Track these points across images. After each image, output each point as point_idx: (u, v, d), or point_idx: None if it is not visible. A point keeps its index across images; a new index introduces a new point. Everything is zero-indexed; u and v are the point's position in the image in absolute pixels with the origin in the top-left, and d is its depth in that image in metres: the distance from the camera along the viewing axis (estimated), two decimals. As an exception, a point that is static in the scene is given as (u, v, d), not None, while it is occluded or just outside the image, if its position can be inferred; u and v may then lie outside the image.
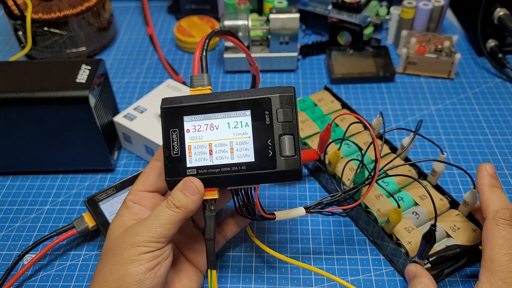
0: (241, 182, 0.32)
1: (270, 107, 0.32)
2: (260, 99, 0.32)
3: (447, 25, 0.70)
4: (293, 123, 0.32)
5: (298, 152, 0.31)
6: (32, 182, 0.48)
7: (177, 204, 0.31)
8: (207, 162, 0.32)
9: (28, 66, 0.45)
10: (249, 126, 0.32)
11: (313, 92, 0.58)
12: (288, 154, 0.31)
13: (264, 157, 0.31)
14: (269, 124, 0.31)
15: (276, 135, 0.31)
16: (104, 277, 0.30)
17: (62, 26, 0.59)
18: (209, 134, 0.32)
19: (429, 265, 0.36)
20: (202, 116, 0.32)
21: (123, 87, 0.60)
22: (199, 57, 0.33)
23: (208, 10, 0.70)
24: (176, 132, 0.32)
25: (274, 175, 0.31)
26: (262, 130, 0.32)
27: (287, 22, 0.56)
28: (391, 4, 0.67)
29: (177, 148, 0.32)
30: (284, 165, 0.31)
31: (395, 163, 0.45)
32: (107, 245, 0.32)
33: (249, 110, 0.32)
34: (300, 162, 0.31)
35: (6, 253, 0.42)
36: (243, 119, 0.32)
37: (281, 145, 0.31)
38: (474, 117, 0.55)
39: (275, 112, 0.31)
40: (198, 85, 0.33)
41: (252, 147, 0.31)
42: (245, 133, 0.32)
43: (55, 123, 0.43)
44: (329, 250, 0.41)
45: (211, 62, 0.64)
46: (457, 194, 0.46)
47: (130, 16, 0.74)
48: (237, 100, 0.32)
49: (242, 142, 0.32)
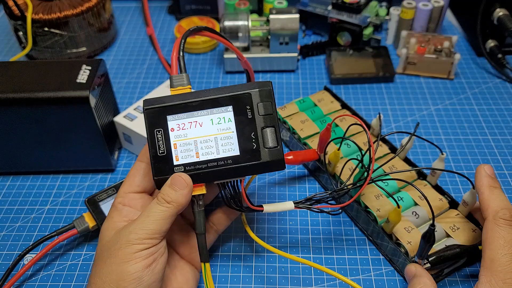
0: (228, 176, 0.33)
1: (251, 102, 0.33)
2: (241, 94, 0.33)
3: (446, 26, 0.70)
4: (273, 115, 0.33)
5: (280, 143, 0.33)
6: (33, 182, 0.48)
7: (167, 199, 0.31)
8: (193, 159, 0.32)
9: (29, 67, 0.45)
10: (232, 121, 0.33)
11: (313, 92, 0.58)
12: (271, 145, 0.33)
13: (249, 150, 0.32)
14: (251, 118, 0.33)
15: (258, 128, 0.33)
16: (101, 279, 0.30)
17: (63, 27, 0.59)
18: (194, 131, 0.33)
19: (428, 265, 0.36)
20: (186, 114, 0.33)
21: (123, 87, 0.60)
22: (177, 58, 0.34)
23: (208, 11, 0.70)
24: (161, 132, 0.33)
25: (259, 166, 0.32)
26: (245, 124, 0.33)
27: (287, 22, 0.56)
28: (391, 5, 0.67)
29: (163, 148, 0.33)
30: (268, 156, 0.32)
31: (394, 163, 0.45)
32: (100, 248, 0.32)
33: (231, 106, 0.33)
34: (282, 152, 0.33)
35: (7, 253, 0.42)
36: (226, 115, 0.33)
37: (264, 137, 0.33)
38: (473, 117, 0.55)
39: (256, 106, 0.33)
40: (178, 85, 0.34)
41: (236, 141, 0.33)
42: (228, 128, 0.33)
43: (55, 123, 0.43)
44: (329, 250, 0.41)
45: (211, 62, 0.64)
46: (457, 194, 0.46)
47: (130, 16, 0.74)
48: (218, 97, 0.33)
49: (227, 137, 0.33)
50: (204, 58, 0.65)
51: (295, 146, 0.49)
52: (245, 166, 0.32)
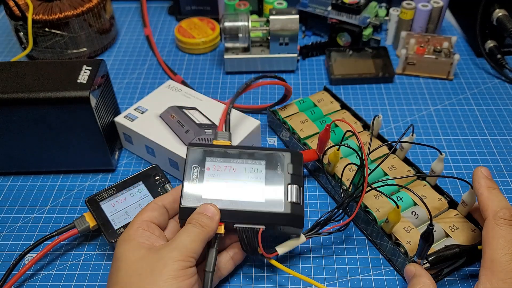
0: (249, 219, 0.35)
1: (283, 161, 0.38)
2: (275, 153, 0.38)
3: (446, 26, 0.70)
4: (300, 177, 0.38)
5: (302, 201, 0.37)
6: (33, 182, 0.48)
7: (201, 223, 0.34)
8: (220, 197, 0.36)
9: (29, 67, 0.45)
10: (262, 173, 0.37)
11: (312, 92, 0.58)
12: (294, 200, 0.36)
13: (272, 200, 0.36)
14: (280, 174, 0.37)
15: (285, 183, 0.37)
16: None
17: (63, 27, 0.59)
18: (226, 174, 0.37)
19: (428, 264, 0.36)
20: (223, 159, 0.38)
21: (124, 87, 0.60)
22: (224, 120, 0.41)
23: (208, 11, 0.70)
24: (197, 168, 0.37)
25: (279, 216, 0.35)
26: (274, 178, 0.37)
27: (286, 23, 0.57)
28: (390, 5, 0.67)
29: (195, 181, 0.36)
30: (289, 208, 0.36)
31: (393, 163, 0.45)
32: (128, 268, 0.32)
33: (265, 161, 0.38)
34: (303, 210, 0.36)
35: (8, 253, 0.42)
36: (259, 167, 0.38)
37: (289, 192, 0.37)
38: (473, 118, 0.55)
39: (286, 165, 0.38)
40: (220, 139, 0.40)
41: (263, 190, 0.36)
42: (258, 178, 0.37)
43: (56, 124, 0.44)
44: (328, 250, 0.41)
45: (211, 63, 0.64)
46: (456, 194, 0.46)
47: (131, 17, 0.74)
48: (255, 152, 0.38)
49: (255, 185, 0.37)
50: (204, 58, 0.65)
51: (295, 146, 0.49)
52: (267, 213, 0.35)
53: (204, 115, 0.48)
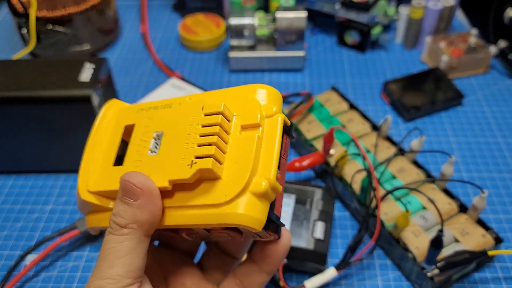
0: None
1: (312, 197, 0.38)
2: (306, 188, 0.39)
3: (456, 25, 0.68)
4: (330, 213, 0.38)
5: (327, 238, 0.37)
6: (35, 181, 0.48)
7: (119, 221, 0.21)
8: None
9: (32, 65, 0.45)
10: (290, 206, 0.38)
11: (320, 92, 0.57)
12: (319, 237, 0.36)
13: (297, 233, 0.36)
14: (308, 209, 0.38)
15: (312, 218, 0.37)
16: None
17: (66, 24, 0.59)
18: None
19: (437, 270, 0.35)
20: None
21: (127, 86, 0.60)
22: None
23: (213, 8, 0.69)
24: None
25: (302, 251, 0.35)
26: (301, 212, 0.38)
27: (294, 21, 0.56)
28: (399, 3, 0.66)
29: None
30: (313, 244, 0.36)
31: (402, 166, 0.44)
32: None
33: (294, 195, 0.39)
34: (327, 247, 0.36)
35: (9, 253, 0.41)
36: (287, 200, 0.38)
37: (314, 228, 0.37)
38: (483, 119, 0.54)
39: (315, 201, 0.39)
40: None
41: (289, 222, 0.37)
42: (285, 211, 0.37)
43: (58, 122, 0.43)
44: (335, 254, 0.40)
45: (216, 61, 0.63)
46: (466, 197, 0.45)
47: (135, 14, 0.73)
48: (286, 186, 0.38)
49: (282, 218, 0.33)
50: (209, 56, 0.64)
51: (301, 147, 0.48)
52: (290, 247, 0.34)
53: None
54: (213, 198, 0.20)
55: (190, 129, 0.21)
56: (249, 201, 0.19)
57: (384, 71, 0.61)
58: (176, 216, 0.21)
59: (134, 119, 0.25)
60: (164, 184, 0.20)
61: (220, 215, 0.19)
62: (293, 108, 0.48)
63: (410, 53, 0.63)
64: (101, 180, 0.23)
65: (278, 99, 0.23)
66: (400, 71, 0.60)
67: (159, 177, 0.21)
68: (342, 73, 0.60)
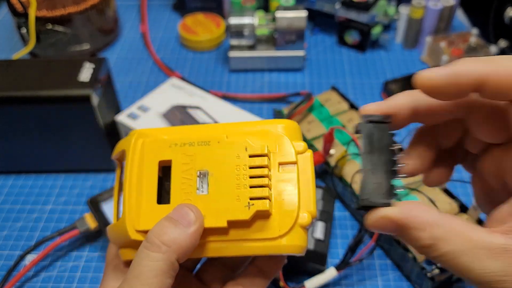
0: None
1: None
2: None
3: (456, 25, 0.68)
4: (330, 213, 0.37)
5: (327, 239, 0.36)
6: (35, 181, 0.48)
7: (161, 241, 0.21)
8: None
9: (31, 64, 0.45)
10: None
11: (319, 92, 0.57)
12: (319, 238, 0.36)
13: None
14: None
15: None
16: None
17: (66, 24, 0.59)
18: None
19: (437, 270, 0.35)
20: None
21: (126, 85, 0.59)
22: None
23: (213, 8, 0.69)
24: None
25: None
26: None
27: (293, 20, 0.55)
28: (399, 3, 0.66)
29: None
30: (313, 244, 0.36)
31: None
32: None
33: None
34: (327, 247, 0.36)
35: (8, 253, 0.41)
36: None
37: (314, 228, 0.36)
38: (483, 119, 0.53)
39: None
40: None
41: None
42: None
43: (58, 122, 0.43)
44: (335, 255, 0.40)
45: (216, 61, 0.63)
46: (466, 197, 0.45)
47: (135, 14, 0.73)
48: None
49: None
50: (209, 56, 0.64)
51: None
52: None
53: (208, 114, 0.47)
54: (269, 233, 0.22)
55: (238, 169, 0.23)
56: (299, 233, 0.22)
57: (384, 71, 0.60)
58: (232, 248, 0.23)
59: (169, 155, 0.24)
60: (222, 224, 0.22)
61: (277, 246, 0.22)
62: (293, 108, 0.48)
63: (410, 53, 0.63)
64: (149, 219, 0.23)
65: (299, 132, 0.25)
66: (400, 71, 0.60)
67: (214, 217, 0.23)
68: (342, 73, 0.60)
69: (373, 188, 0.20)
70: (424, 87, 0.20)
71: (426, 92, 0.20)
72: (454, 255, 0.18)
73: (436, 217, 0.19)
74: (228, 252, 0.23)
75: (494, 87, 0.18)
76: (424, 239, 0.19)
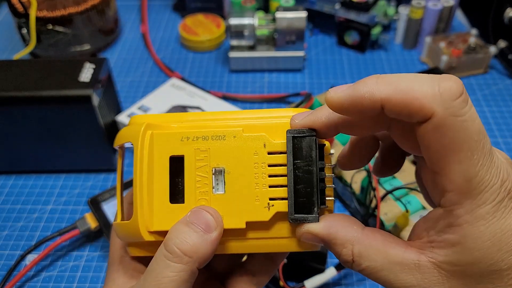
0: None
1: None
2: None
3: (456, 25, 0.68)
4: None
5: None
6: (35, 181, 0.48)
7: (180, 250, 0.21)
8: None
9: (32, 65, 0.45)
10: None
11: (319, 92, 0.57)
12: None
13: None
14: None
15: None
16: None
17: (67, 24, 0.59)
18: None
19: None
20: None
21: (127, 86, 0.60)
22: None
23: (213, 8, 0.69)
24: None
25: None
26: None
27: (293, 21, 0.56)
28: (399, 3, 0.66)
29: None
30: None
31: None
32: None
33: None
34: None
35: (9, 253, 0.41)
36: None
37: None
38: (483, 119, 0.54)
39: None
40: None
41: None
42: None
43: (58, 122, 0.43)
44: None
45: (216, 61, 0.63)
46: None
47: (135, 14, 0.73)
48: None
49: None
50: (209, 56, 0.64)
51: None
52: None
53: (208, 114, 0.48)
54: (286, 231, 0.22)
55: (256, 167, 0.22)
56: None
57: (384, 71, 0.61)
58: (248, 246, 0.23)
59: (181, 150, 0.22)
60: (241, 225, 0.22)
61: (296, 244, 0.22)
62: None
63: (410, 53, 0.63)
64: (163, 219, 0.22)
65: None
66: (399, 71, 0.60)
67: (232, 218, 0.22)
68: (342, 73, 0.60)
69: (301, 202, 0.21)
70: (331, 106, 0.20)
71: (334, 111, 0.20)
72: (373, 270, 0.20)
73: (356, 234, 0.20)
74: (245, 249, 0.23)
75: (394, 110, 0.18)
76: (345, 255, 0.20)
